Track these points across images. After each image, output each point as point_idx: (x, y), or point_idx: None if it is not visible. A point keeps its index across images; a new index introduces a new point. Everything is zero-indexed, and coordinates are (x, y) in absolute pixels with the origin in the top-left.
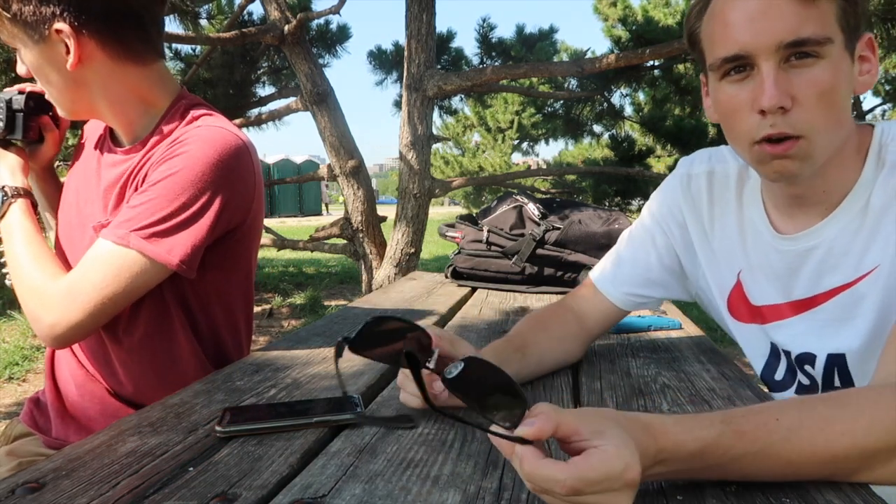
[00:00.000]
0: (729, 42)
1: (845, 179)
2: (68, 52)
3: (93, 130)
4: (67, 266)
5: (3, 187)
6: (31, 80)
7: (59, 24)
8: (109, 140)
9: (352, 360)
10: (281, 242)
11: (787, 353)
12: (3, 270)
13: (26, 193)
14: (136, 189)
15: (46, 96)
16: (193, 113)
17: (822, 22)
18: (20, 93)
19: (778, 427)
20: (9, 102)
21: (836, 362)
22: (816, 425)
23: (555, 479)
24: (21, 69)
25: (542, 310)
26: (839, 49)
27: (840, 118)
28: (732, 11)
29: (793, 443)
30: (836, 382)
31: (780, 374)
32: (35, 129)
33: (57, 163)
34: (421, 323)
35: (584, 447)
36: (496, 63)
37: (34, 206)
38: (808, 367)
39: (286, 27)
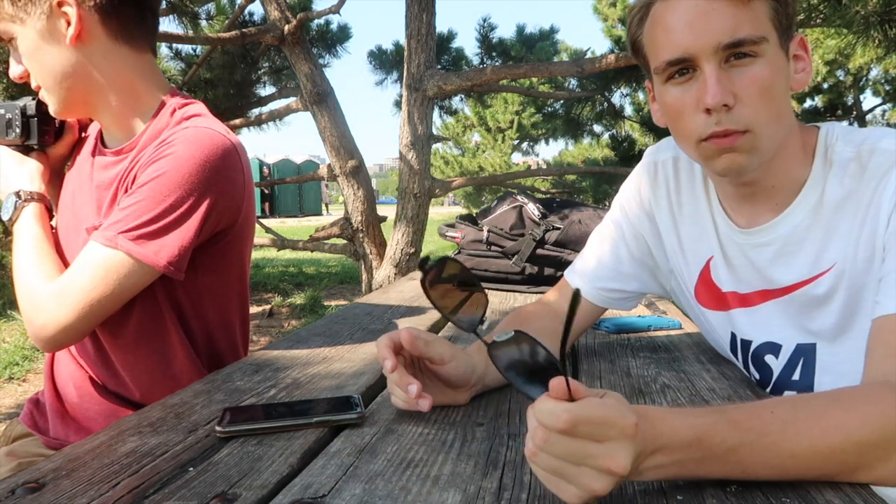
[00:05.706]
0: (671, 46)
1: (793, 176)
2: (69, 25)
3: (91, 131)
4: (66, 268)
5: (19, 192)
6: (26, 87)
7: None
8: (101, 143)
9: (351, 361)
10: (281, 242)
11: (748, 343)
12: None
13: (41, 198)
14: (126, 191)
15: (40, 95)
16: (182, 113)
17: (757, 22)
18: (32, 99)
19: (773, 419)
20: (23, 109)
21: (804, 352)
22: (811, 417)
23: (554, 412)
24: (14, 71)
25: (523, 307)
26: (774, 47)
27: (780, 112)
28: (672, 16)
29: (788, 434)
30: (796, 376)
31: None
32: (50, 133)
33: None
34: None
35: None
36: (496, 63)
37: (49, 210)
38: (769, 357)
39: (286, 27)
